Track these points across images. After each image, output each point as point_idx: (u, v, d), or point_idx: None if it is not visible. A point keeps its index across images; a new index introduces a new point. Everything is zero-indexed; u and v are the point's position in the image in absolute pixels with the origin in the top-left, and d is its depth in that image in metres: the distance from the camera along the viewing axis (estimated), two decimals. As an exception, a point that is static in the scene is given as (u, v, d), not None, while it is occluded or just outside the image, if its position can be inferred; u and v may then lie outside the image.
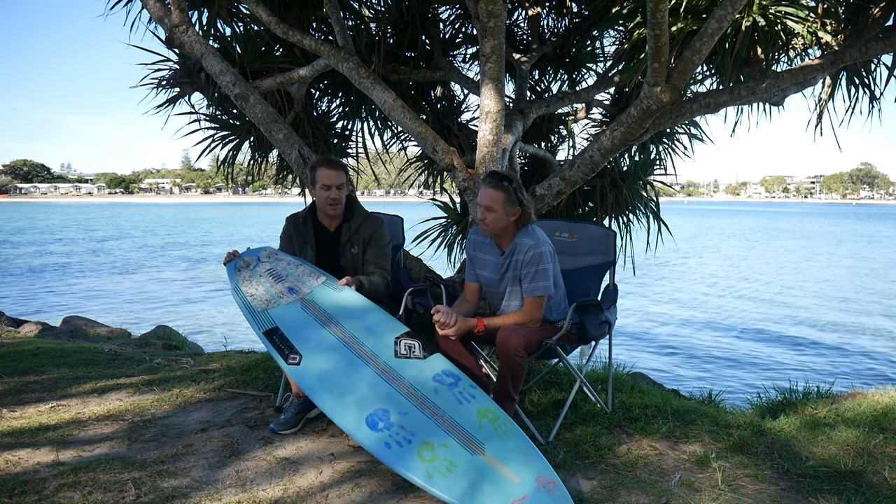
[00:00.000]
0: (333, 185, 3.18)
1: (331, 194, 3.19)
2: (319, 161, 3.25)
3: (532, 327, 2.93)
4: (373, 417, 2.40)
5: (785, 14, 3.59)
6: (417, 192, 6.52)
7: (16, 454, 2.76)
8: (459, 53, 5.29)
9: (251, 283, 3.11)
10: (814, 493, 2.44)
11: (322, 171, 3.19)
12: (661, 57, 3.07)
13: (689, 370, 9.84)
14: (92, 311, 13.26)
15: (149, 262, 24.51)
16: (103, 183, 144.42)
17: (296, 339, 2.78)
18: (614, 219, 5.01)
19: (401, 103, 3.80)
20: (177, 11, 4.25)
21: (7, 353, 4.71)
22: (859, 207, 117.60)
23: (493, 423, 2.39)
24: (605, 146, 3.62)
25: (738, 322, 13.80)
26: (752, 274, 22.26)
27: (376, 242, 3.29)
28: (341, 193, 3.22)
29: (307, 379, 2.61)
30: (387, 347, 2.73)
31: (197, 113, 4.76)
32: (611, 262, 3.35)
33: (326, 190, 3.18)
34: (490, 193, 2.88)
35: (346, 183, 3.25)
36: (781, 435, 2.95)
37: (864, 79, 4.33)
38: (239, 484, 2.52)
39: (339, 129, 5.30)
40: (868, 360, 10.64)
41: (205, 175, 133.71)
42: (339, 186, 3.19)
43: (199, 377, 3.99)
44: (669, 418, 3.15)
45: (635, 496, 2.41)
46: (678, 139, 5.28)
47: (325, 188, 3.18)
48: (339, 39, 4.05)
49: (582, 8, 4.85)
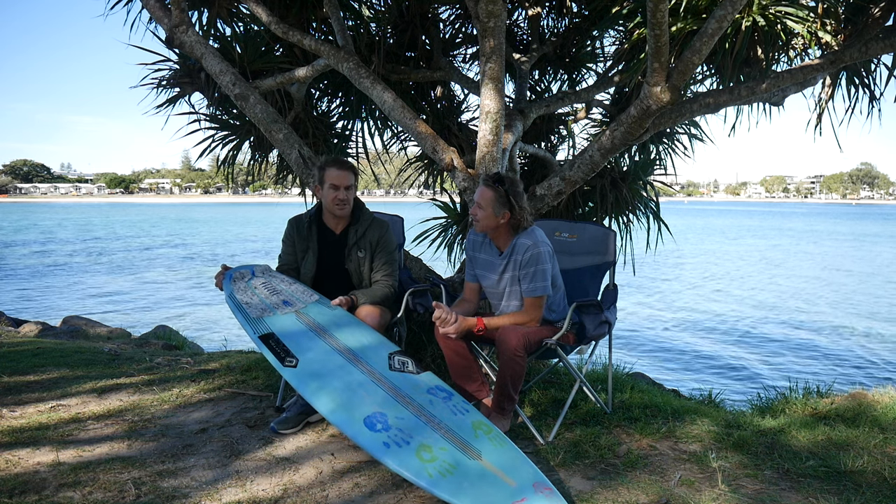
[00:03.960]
0: (342, 185, 3.18)
1: (339, 195, 3.19)
2: (328, 161, 3.25)
3: (532, 327, 2.93)
4: (371, 419, 2.40)
5: (785, 14, 3.59)
6: (417, 192, 6.51)
7: (16, 454, 2.76)
8: (459, 53, 5.29)
9: (246, 292, 3.12)
10: (814, 493, 2.44)
11: (331, 171, 3.19)
12: (661, 57, 3.07)
13: (689, 370, 9.84)
14: (92, 311, 13.27)
15: (149, 263, 24.51)
16: (103, 183, 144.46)
17: (292, 344, 2.78)
18: (614, 219, 5.01)
19: (401, 103, 3.80)
20: (177, 11, 4.25)
21: (7, 353, 4.71)
22: (859, 207, 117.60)
23: (487, 435, 2.41)
24: (605, 146, 3.62)
25: (739, 322, 13.79)
26: (753, 274, 22.26)
27: (384, 248, 3.29)
28: (349, 194, 3.22)
29: (304, 381, 2.61)
30: (381, 360, 2.75)
31: (197, 113, 4.75)
32: (611, 263, 3.36)
33: (335, 190, 3.18)
34: (482, 191, 2.94)
35: (355, 184, 3.26)
36: (781, 435, 2.95)
37: (864, 79, 4.33)
38: (239, 484, 2.52)
39: (339, 129, 5.29)
40: (868, 361, 10.64)
41: (205, 175, 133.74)
42: (347, 187, 3.20)
43: (199, 377, 3.99)
44: (669, 418, 3.15)
45: (635, 496, 2.41)
46: (678, 139, 5.27)
47: (334, 188, 3.18)
48: (339, 39, 4.05)
49: (582, 8, 4.85)
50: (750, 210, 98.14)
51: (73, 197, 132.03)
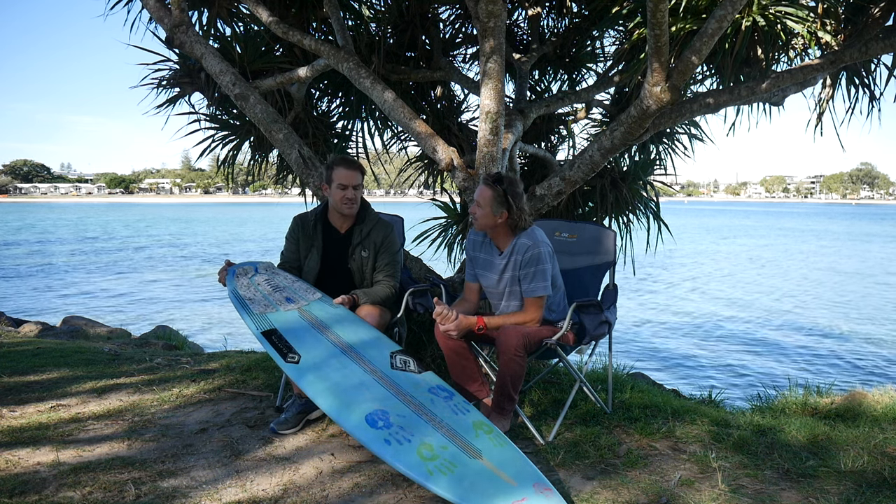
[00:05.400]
0: (350, 185, 3.19)
1: (346, 194, 3.20)
2: (336, 160, 3.25)
3: (532, 327, 2.93)
4: (372, 417, 2.40)
5: (785, 14, 3.59)
6: (417, 192, 6.51)
7: (16, 454, 2.76)
8: (459, 53, 5.29)
9: (249, 289, 3.13)
10: (814, 493, 2.44)
11: (339, 170, 3.19)
12: (661, 57, 3.07)
13: (688, 370, 9.84)
14: (92, 311, 13.27)
15: (149, 263, 24.51)
16: (103, 183, 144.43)
17: (294, 340, 2.79)
18: (614, 219, 5.00)
19: (401, 103, 3.80)
20: (177, 11, 4.25)
21: (7, 353, 4.71)
22: (859, 207, 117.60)
23: (488, 435, 2.41)
24: (605, 146, 3.62)
25: (739, 322, 13.79)
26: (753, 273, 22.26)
27: (387, 249, 3.30)
28: (357, 193, 3.23)
29: (306, 377, 2.61)
30: (383, 358, 2.75)
31: (197, 113, 4.75)
32: (611, 263, 3.36)
33: (343, 189, 3.19)
34: (481, 190, 2.96)
35: (362, 183, 3.27)
36: (781, 435, 2.95)
37: (864, 79, 4.33)
38: (239, 484, 2.52)
39: (339, 129, 5.29)
40: (868, 360, 10.64)
41: (205, 175, 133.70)
42: (355, 187, 3.21)
43: (199, 377, 3.99)
44: (669, 418, 3.15)
45: (635, 496, 2.41)
46: (678, 139, 5.27)
47: (342, 188, 3.19)
48: (339, 39, 4.05)
49: (582, 8, 4.84)
50: (748, 210, 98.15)
51: (74, 197, 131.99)
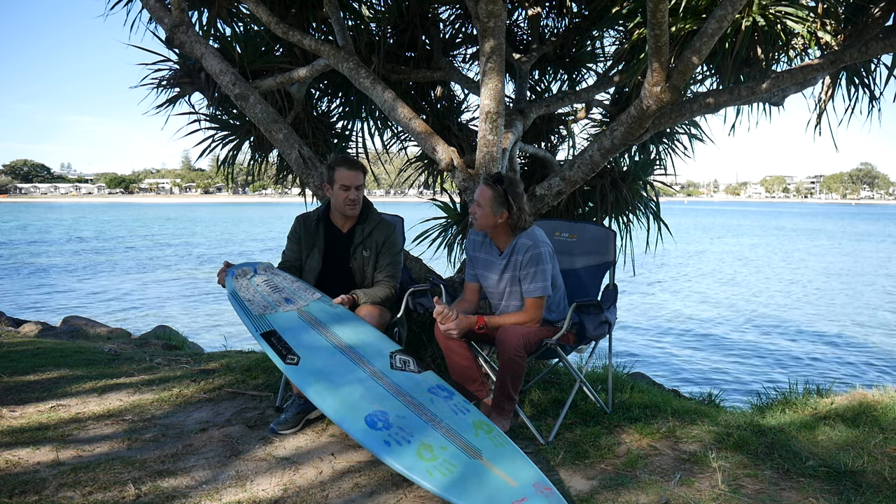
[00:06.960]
0: (353, 185, 3.18)
1: (349, 195, 3.19)
2: (338, 161, 3.24)
3: (532, 327, 2.93)
4: (371, 417, 2.40)
5: (785, 14, 3.59)
6: (417, 192, 6.51)
7: (16, 454, 2.76)
8: (459, 53, 5.28)
9: (248, 290, 3.12)
10: (814, 493, 2.44)
11: (341, 171, 3.19)
12: (661, 57, 3.07)
13: (688, 370, 9.83)
14: (92, 311, 13.27)
15: (149, 263, 24.50)
16: (103, 183, 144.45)
17: (293, 341, 2.78)
18: (614, 219, 5.00)
19: (401, 103, 3.80)
20: (177, 11, 4.25)
21: (7, 353, 4.71)
22: (859, 207, 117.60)
23: (488, 434, 2.41)
24: (605, 146, 3.62)
25: (739, 322, 13.79)
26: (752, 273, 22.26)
27: (388, 249, 3.30)
28: (360, 194, 3.23)
29: (306, 378, 2.61)
30: (382, 358, 2.75)
31: (197, 113, 4.75)
32: (611, 262, 3.36)
33: (345, 190, 3.18)
34: (481, 189, 2.96)
35: (364, 183, 3.26)
36: (781, 435, 2.95)
37: (864, 79, 4.33)
38: (239, 484, 2.52)
39: (339, 129, 5.29)
40: (868, 360, 10.64)
41: (205, 175, 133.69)
42: (357, 187, 3.20)
43: (199, 377, 3.99)
44: (669, 418, 3.15)
45: (635, 496, 2.41)
46: (678, 139, 5.27)
47: (344, 188, 3.18)
48: (339, 39, 4.05)
49: (582, 8, 4.84)
50: (747, 210, 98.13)
51: (73, 197, 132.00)
